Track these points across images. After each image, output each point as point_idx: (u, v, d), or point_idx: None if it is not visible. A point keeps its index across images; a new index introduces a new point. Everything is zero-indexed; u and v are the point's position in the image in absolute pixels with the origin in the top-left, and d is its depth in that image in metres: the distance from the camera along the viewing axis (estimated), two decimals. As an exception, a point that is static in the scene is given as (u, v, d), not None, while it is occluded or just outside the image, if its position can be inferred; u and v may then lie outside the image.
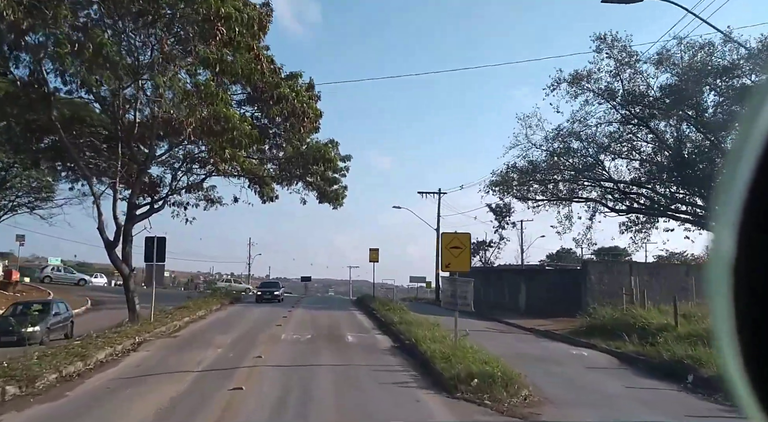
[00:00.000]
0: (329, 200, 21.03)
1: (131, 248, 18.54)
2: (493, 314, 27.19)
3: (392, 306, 24.86)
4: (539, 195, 39.13)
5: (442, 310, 32.31)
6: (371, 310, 25.90)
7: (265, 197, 23.99)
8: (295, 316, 23.55)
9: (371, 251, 32.38)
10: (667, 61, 32.03)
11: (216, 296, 29.54)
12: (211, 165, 22.07)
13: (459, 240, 13.00)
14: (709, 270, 0.69)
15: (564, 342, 18.29)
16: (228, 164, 18.97)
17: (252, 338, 15.83)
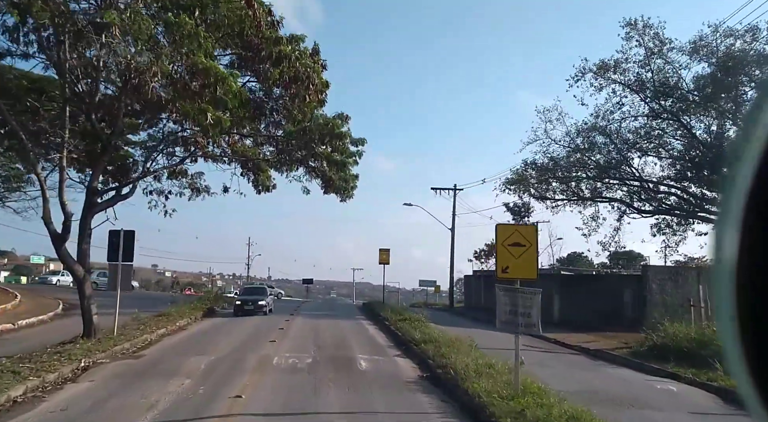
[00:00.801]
0: (336, 190, 17.27)
1: (90, 243, 14.85)
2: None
3: (407, 316, 21.18)
4: (559, 194, 35.52)
5: (461, 319, 28.50)
6: (383, 320, 22.19)
7: (261, 187, 20.26)
8: (294, 327, 19.83)
9: (381, 252, 28.68)
10: (703, 49, 28.91)
11: (205, 301, 25.86)
12: (192, 144, 18.40)
13: (521, 234, 9.26)
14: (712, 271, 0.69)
15: (631, 369, 14.51)
16: (212, 137, 15.24)
17: (235, 361, 12.11)
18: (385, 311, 24.22)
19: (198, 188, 21.21)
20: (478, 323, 25.68)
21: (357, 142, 16.70)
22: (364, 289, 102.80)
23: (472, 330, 22.08)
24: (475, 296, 36.91)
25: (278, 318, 23.14)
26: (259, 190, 20.44)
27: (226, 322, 22.07)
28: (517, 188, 38.10)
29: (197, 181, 21.26)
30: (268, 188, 20.23)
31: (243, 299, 25.61)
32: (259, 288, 28.77)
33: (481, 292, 35.29)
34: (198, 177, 21.30)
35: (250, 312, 24.26)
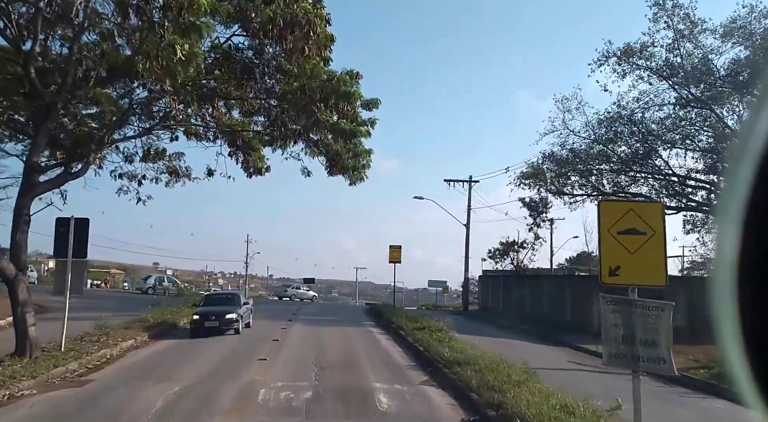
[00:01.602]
0: (344, 169, 13.92)
1: (27, 232, 11.56)
2: (560, 337, 20.09)
3: (425, 324, 17.90)
4: (577, 189, 32.84)
5: (482, 325, 24.98)
6: (396, 329, 18.89)
7: (252, 169, 16.98)
8: (290, 339, 16.51)
9: (392, 249, 25.34)
10: (738, 31, 26.00)
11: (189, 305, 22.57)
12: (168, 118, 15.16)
13: (638, 216, 5.83)
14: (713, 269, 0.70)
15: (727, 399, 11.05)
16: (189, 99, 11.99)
17: (206, 395, 8.80)
18: (398, 317, 20.92)
19: (177, 171, 17.91)
20: (504, 331, 22.36)
21: (369, 104, 13.24)
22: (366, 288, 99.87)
23: (501, 340, 18.80)
24: (493, 299, 33.59)
25: (274, 325, 19.83)
26: (250, 173, 17.13)
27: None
28: (532, 182, 35.47)
29: (176, 163, 17.96)
30: (260, 171, 16.91)
31: (203, 313, 17.03)
32: (227, 296, 20.06)
33: (500, 294, 31.97)
34: (177, 158, 18.01)
35: (215, 331, 16.57)
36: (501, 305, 31.38)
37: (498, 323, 25.61)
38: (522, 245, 46.44)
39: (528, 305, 27.35)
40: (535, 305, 26.29)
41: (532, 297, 26.87)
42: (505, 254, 46.97)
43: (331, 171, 14.36)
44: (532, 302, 26.84)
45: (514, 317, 26.68)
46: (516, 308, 28.43)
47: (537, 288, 27.12)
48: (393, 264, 25.57)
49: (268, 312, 25.55)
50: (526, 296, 27.66)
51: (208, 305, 18.35)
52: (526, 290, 27.90)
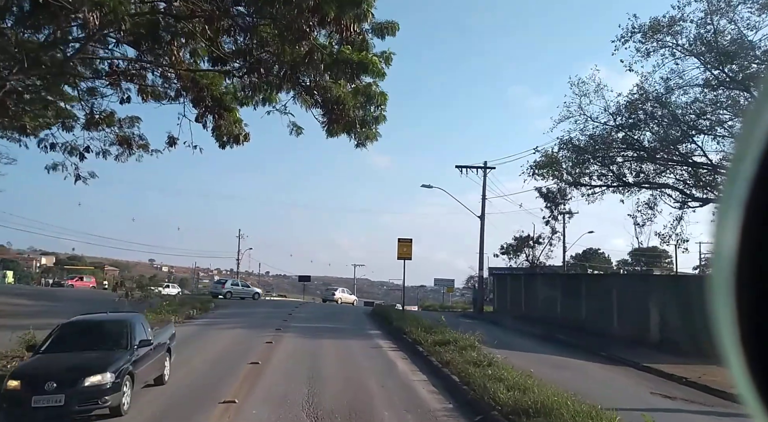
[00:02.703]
0: (350, 126, 9.88)
1: None
2: (613, 351, 16.12)
3: (449, 336, 14.12)
4: (596, 179, 30.04)
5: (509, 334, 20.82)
6: (412, 344, 14.94)
7: (226, 137, 12.97)
8: (277, 358, 12.45)
9: (401, 243, 21.27)
10: None
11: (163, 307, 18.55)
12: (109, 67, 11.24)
13: None
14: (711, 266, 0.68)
15: None
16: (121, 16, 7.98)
17: None
18: (410, 325, 16.95)
19: (130, 141, 13.87)
20: (539, 343, 18.40)
21: (383, 29, 9.15)
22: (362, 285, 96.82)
23: (544, 358, 14.89)
24: (512, 300, 29.60)
25: (260, 334, 15.83)
26: (224, 141, 13.11)
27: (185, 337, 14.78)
28: (547, 172, 31.66)
29: (130, 130, 13.94)
30: (237, 139, 12.87)
31: (31, 376, 7.74)
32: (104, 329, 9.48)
33: (521, 294, 27.98)
34: (131, 125, 13.99)
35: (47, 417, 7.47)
36: (523, 308, 27.43)
37: (525, 331, 21.66)
38: (537, 240, 42.72)
39: (559, 308, 23.41)
40: (570, 310, 22.33)
41: (566, 300, 22.91)
42: (519, 249, 43.19)
43: (330, 128, 10.32)
44: (566, 305, 22.89)
45: (543, 323, 22.78)
46: (543, 311, 24.51)
47: (572, 289, 23.11)
48: (402, 261, 21.54)
49: (254, 319, 21.54)
50: (557, 297, 23.71)
51: (57, 349, 8.51)
52: (557, 291, 23.95)
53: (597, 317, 20.24)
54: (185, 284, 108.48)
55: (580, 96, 26.52)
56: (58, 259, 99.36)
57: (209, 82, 12.24)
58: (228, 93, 12.15)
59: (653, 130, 28.41)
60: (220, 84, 12.35)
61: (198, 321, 20.19)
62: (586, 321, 20.86)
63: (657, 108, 27.32)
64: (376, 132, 10.25)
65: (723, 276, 0.66)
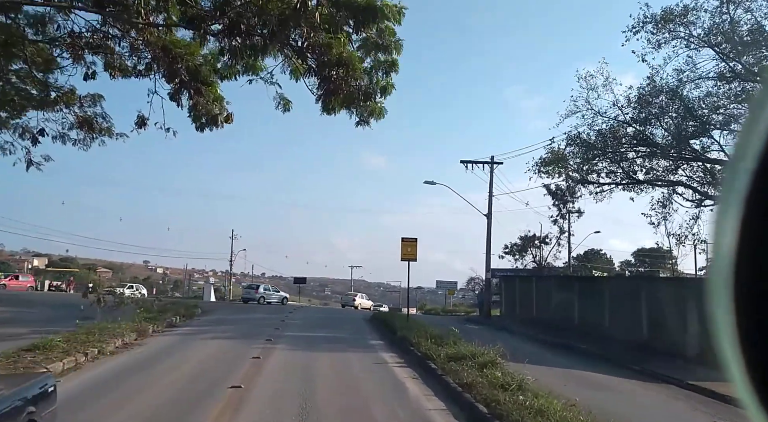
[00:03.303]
0: (350, 99, 7.94)
1: None
2: (647, 365, 14.18)
3: (465, 351, 12.21)
4: (604, 177, 28.90)
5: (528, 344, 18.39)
6: (422, 358, 13.02)
7: (204, 117, 10.99)
8: (264, 381, 10.41)
9: (405, 243, 19.23)
10: None
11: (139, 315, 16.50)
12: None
13: None
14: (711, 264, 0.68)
15: None
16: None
17: None
18: (418, 335, 14.99)
19: (91, 123, 11.88)
20: (562, 354, 16.49)
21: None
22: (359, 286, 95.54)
23: (574, 374, 12.98)
24: (522, 304, 27.67)
25: (244, 350, 13.84)
26: (202, 123, 11.13)
27: (157, 353, 12.79)
28: (553, 169, 29.90)
29: (92, 109, 11.96)
30: (216, 120, 10.88)
31: None
32: None
33: (532, 298, 26.05)
34: (93, 104, 12.00)
35: None
36: (534, 312, 25.52)
37: (540, 338, 19.75)
38: (544, 240, 40.82)
39: (577, 314, 21.49)
40: (589, 315, 20.42)
41: (584, 304, 21.01)
42: (525, 250, 41.27)
43: (327, 102, 8.36)
44: (584, 310, 20.98)
45: (557, 329, 20.88)
46: (557, 317, 22.60)
47: (591, 293, 21.20)
48: (406, 263, 19.51)
49: (243, 326, 19.56)
50: (573, 302, 21.79)
51: None
52: (573, 295, 22.03)
53: (622, 324, 18.31)
54: (178, 287, 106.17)
55: (587, 90, 25.54)
56: (50, 261, 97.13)
57: (184, 52, 10.26)
58: (206, 64, 10.18)
59: (665, 125, 27.23)
60: (196, 53, 10.36)
61: (180, 329, 18.19)
62: (610, 329, 18.94)
63: (670, 102, 26.15)
64: (382, 107, 8.31)
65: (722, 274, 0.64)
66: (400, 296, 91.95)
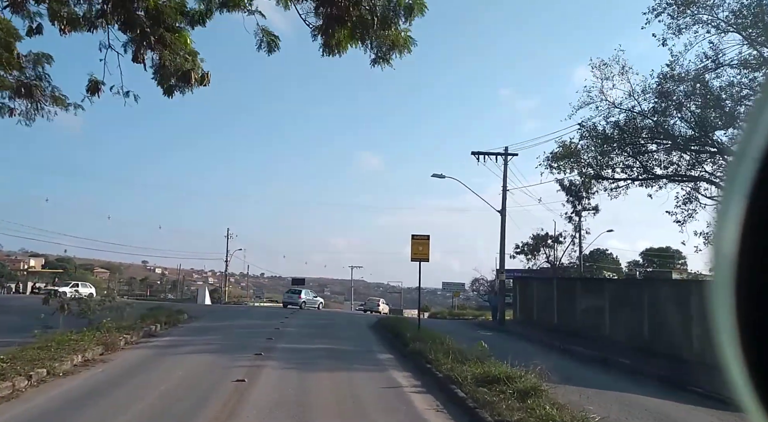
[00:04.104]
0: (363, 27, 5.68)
1: None
2: (704, 382, 11.81)
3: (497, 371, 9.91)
4: (619, 173, 27.34)
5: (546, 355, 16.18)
6: (440, 376, 10.68)
7: (173, 76, 8.59)
8: (245, 417, 8.03)
9: (415, 241, 16.79)
10: None
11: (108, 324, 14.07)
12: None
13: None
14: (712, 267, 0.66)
15: None
16: None
17: None
18: (436, 350, 12.63)
19: (31, 90, 9.48)
20: (605, 370, 14.13)
21: None
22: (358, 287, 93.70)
23: (625, 398, 10.63)
24: (541, 308, 25.28)
25: (227, 369, 11.44)
26: (171, 85, 8.73)
27: (131, 369, 10.38)
28: (565, 164, 28.29)
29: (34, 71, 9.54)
30: (187, 78, 8.46)
31: None
32: None
33: (553, 303, 23.65)
34: (36, 65, 9.59)
35: None
36: (555, 319, 23.15)
37: (570, 350, 17.40)
38: (557, 239, 38.48)
39: (608, 322, 19.12)
40: (625, 324, 18.03)
41: (618, 311, 18.62)
42: (536, 249, 38.94)
43: (329, 35, 5.98)
44: (618, 318, 18.59)
45: (585, 339, 18.56)
46: (584, 325, 20.26)
47: (627, 298, 18.77)
48: (418, 263, 17.07)
49: (232, 336, 17.14)
50: (604, 308, 19.41)
51: None
52: (603, 300, 19.64)
53: (664, 335, 15.93)
54: (176, 287, 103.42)
55: (601, 79, 24.01)
56: (47, 261, 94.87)
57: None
58: (170, 3, 7.78)
59: (686, 116, 25.32)
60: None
61: (158, 340, 15.79)
62: (651, 341, 16.55)
63: (692, 90, 24.24)
64: (407, 36, 5.96)
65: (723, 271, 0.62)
66: (401, 297, 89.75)
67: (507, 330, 24.37)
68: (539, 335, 21.48)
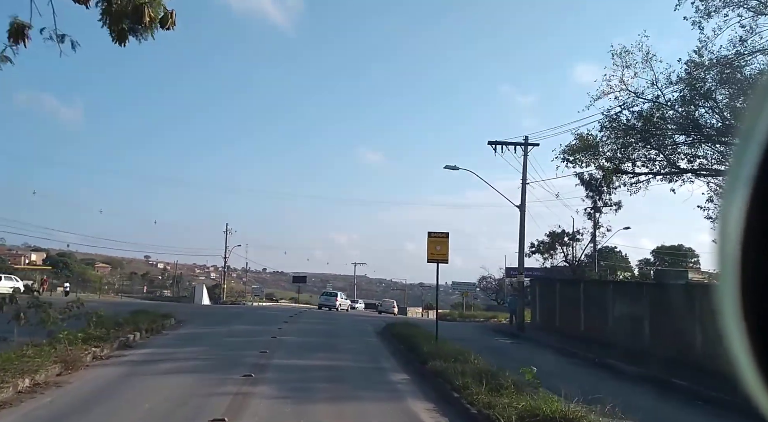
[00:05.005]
0: None
1: None
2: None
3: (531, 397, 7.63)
4: (640, 166, 26.16)
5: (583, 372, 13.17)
6: (474, 412, 8.42)
7: (125, 17, 6.22)
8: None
9: (433, 239, 14.40)
10: None
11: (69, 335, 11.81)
12: None
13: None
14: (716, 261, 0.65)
15: None
16: None
17: None
18: (462, 373, 10.35)
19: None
20: (662, 393, 11.83)
21: None
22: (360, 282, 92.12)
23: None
24: (565, 314, 22.99)
25: (206, 399, 9.18)
26: (122, 30, 6.40)
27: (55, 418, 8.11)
28: (582, 157, 26.76)
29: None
30: (140, 16, 6.16)
31: None
32: None
33: (580, 308, 21.35)
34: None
35: None
36: (581, 327, 20.87)
37: (609, 366, 15.16)
38: (575, 236, 36.13)
39: (648, 332, 16.82)
40: (672, 336, 15.68)
41: (661, 320, 16.29)
42: (552, 247, 36.60)
43: None
44: (661, 328, 16.26)
45: (619, 349, 16.29)
46: (619, 335, 17.99)
47: (673, 305, 16.42)
48: (436, 264, 14.74)
49: (220, 348, 14.85)
50: (642, 316, 17.11)
51: None
52: (642, 307, 17.33)
53: (726, 350, 13.63)
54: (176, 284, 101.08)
55: (622, 68, 22.50)
56: (48, 256, 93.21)
57: None
58: None
59: (715, 106, 23.43)
60: None
61: (135, 352, 13.53)
62: (705, 356, 14.22)
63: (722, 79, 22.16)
64: None
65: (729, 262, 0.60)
66: (405, 294, 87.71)
67: (528, 337, 22.10)
68: (566, 344, 19.20)
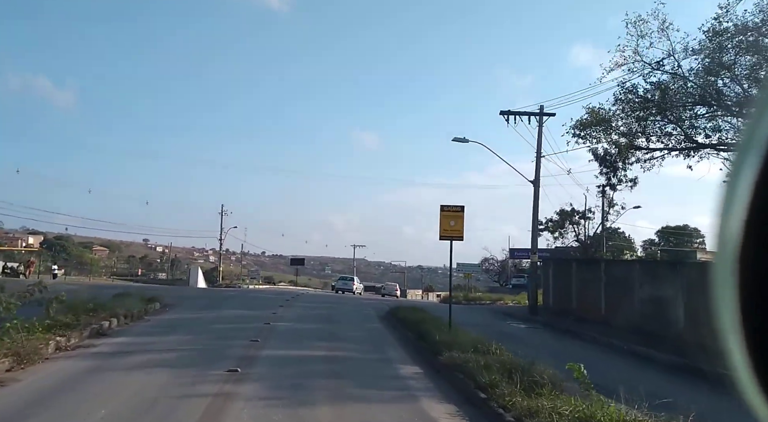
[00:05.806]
0: None
1: None
2: None
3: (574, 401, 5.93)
4: (655, 141, 25.01)
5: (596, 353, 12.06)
6: (510, 419, 6.80)
7: None
8: None
9: (446, 213, 12.64)
10: None
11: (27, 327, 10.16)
12: None
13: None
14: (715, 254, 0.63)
15: None
16: None
17: None
18: (488, 369, 8.72)
19: None
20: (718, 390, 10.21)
21: None
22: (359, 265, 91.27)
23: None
24: (582, 297, 21.40)
25: (184, 402, 7.55)
26: None
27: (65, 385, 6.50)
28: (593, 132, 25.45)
29: None
30: None
31: None
32: None
33: (600, 290, 19.73)
34: None
35: None
36: (602, 311, 19.28)
37: (640, 354, 13.60)
38: (585, 214, 34.47)
39: (682, 317, 15.19)
40: (705, 323, 14.15)
41: (697, 305, 14.69)
42: (561, 226, 34.98)
43: None
44: (697, 313, 14.66)
45: (652, 338, 14.74)
46: (644, 320, 16.43)
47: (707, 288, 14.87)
48: (449, 242, 13.05)
49: (207, 336, 13.20)
50: (673, 300, 15.49)
51: None
52: (674, 290, 15.68)
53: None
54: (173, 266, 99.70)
55: (637, 37, 21.43)
56: (45, 239, 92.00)
57: None
58: None
59: (735, 78, 21.92)
60: None
61: (108, 342, 11.89)
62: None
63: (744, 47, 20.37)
64: None
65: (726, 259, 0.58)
66: (405, 277, 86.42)
67: (543, 321, 20.54)
68: (586, 329, 17.63)
